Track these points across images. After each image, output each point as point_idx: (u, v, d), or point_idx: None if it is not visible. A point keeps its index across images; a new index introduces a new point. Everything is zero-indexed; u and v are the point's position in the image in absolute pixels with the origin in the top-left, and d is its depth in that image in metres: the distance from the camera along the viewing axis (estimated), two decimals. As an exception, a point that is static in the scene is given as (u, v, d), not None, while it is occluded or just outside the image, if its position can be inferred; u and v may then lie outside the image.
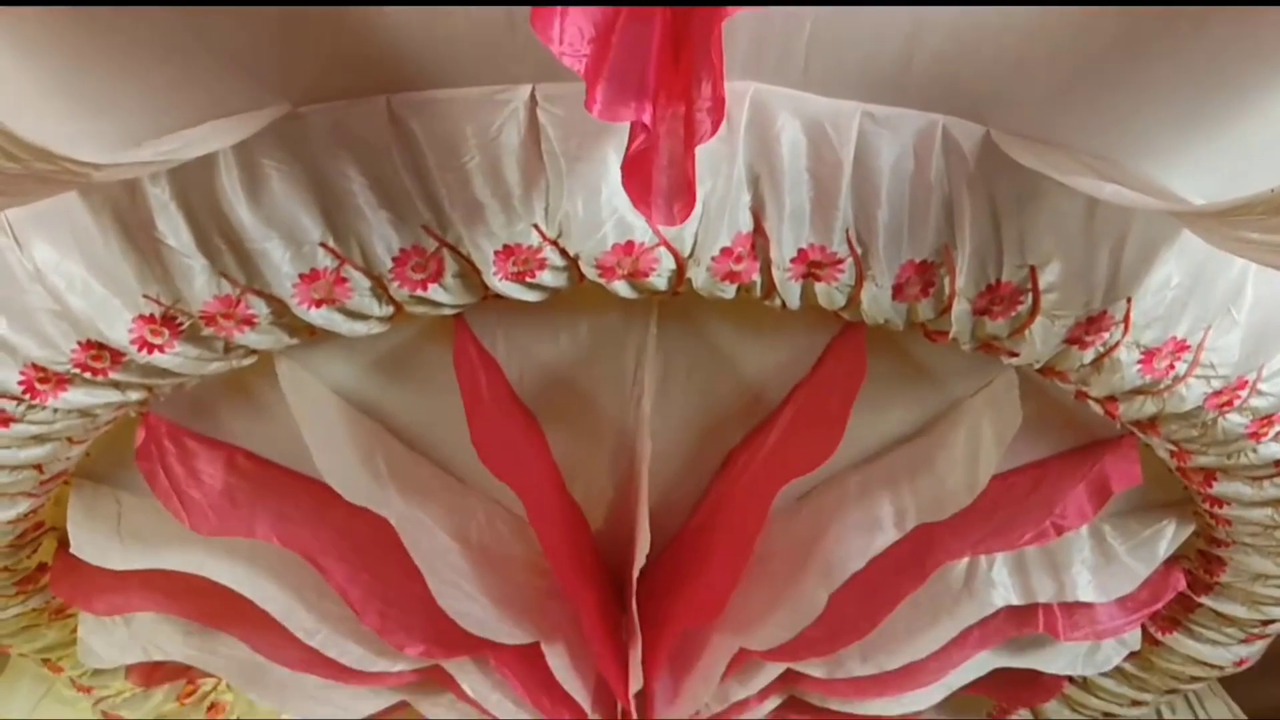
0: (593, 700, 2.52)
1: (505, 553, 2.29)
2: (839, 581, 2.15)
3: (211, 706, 3.31)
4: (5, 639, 2.64)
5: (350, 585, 2.20)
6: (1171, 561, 2.50)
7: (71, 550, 2.16)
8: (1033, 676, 2.93)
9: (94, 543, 2.17)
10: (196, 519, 2.01)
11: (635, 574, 2.22)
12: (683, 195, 1.31)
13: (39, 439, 1.84)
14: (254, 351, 1.77)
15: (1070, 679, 3.08)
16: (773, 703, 2.76)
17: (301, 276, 1.57)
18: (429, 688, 2.67)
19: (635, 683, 2.35)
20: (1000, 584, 2.42)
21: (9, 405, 1.72)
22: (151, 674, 2.88)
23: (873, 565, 2.27)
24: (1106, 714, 3.19)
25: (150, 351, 1.66)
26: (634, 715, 2.40)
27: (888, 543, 2.09)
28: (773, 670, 2.59)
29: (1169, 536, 2.37)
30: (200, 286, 1.58)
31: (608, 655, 2.46)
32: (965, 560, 2.42)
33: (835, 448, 1.92)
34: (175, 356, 1.68)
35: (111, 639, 2.50)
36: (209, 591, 2.34)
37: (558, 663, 2.42)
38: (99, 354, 1.66)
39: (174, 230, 1.52)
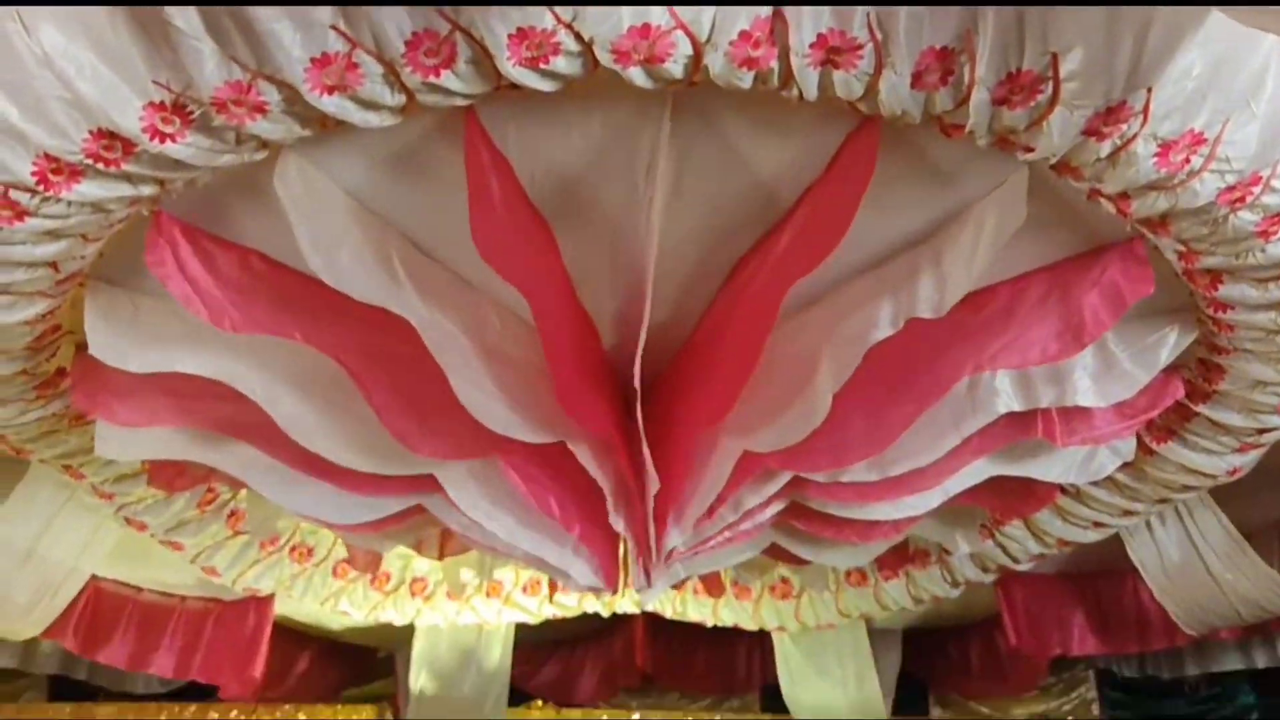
0: (615, 497, 2.58)
1: (520, 357, 2.32)
2: (842, 382, 2.19)
3: (231, 515, 3.41)
4: (26, 444, 2.70)
5: (372, 385, 2.23)
6: (1171, 370, 2.54)
7: (90, 351, 2.17)
8: (1027, 485, 3.01)
9: (111, 344, 2.20)
10: (216, 315, 2.02)
11: (637, 370, 2.24)
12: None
13: (53, 234, 1.85)
14: (265, 144, 1.75)
15: (1063, 490, 3.17)
16: (776, 507, 2.84)
17: (313, 60, 1.55)
18: (440, 497, 2.74)
19: (653, 483, 2.41)
20: (1003, 392, 2.47)
21: (23, 197, 1.72)
22: (173, 480, 2.95)
23: (887, 381, 2.31)
24: (1097, 523, 3.30)
25: (162, 141, 1.65)
26: (650, 513, 2.47)
27: (885, 335, 2.11)
28: (782, 478, 2.66)
29: (1170, 344, 2.40)
30: (210, 71, 1.55)
31: (621, 458, 2.52)
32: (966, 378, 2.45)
33: (839, 240, 1.92)
34: (187, 147, 1.67)
35: (130, 436, 2.54)
36: (225, 397, 2.38)
37: (585, 458, 2.48)
38: (111, 143, 1.65)
39: (182, 11, 1.49)
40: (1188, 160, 1.72)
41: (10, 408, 2.47)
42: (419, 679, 4.54)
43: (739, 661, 5.23)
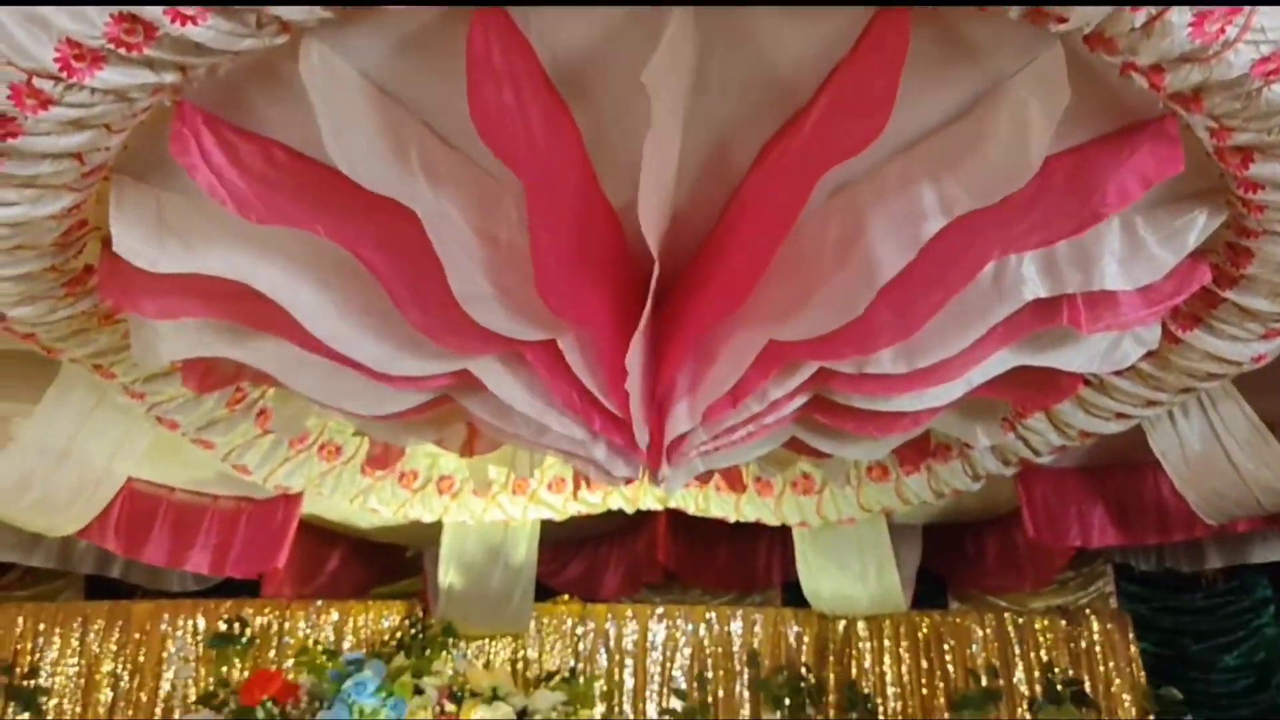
0: (609, 393, 2.60)
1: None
2: (883, 280, 2.17)
3: (260, 414, 3.46)
4: (57, 343, 2.73)
5: (394, 279, 2.24)
6: (1198, 255, 2.52)
7: (114, 248, 2.18)
8: (1050, 376, 3.00)
9: (135, 242, 2.20)
10: (241, 204, 2.03)
11: (655, 253, 2.23)
12: None
13: (78, 124, 1.84)
14: (286, 28, 1.74)
15: (1086, 381, 3.17)
16: (800, 400, 2.85)
17: (333, -66, 1.53)
18: (466, 387, 2.76)
19: (632, 380, 2.41)
20: (1030, 278, 2.45)
21: (47, 85, 1.72)
22: (203, 379, 2.98)
23: (917, 265, 2.29)
24: (1120, 415, 3.30)
25: (183, 24, 1.64)
26: (634, 409, 2.48)
27: (934, 230, 2.09)
28: (807, 370, 2.66)
29: (1199, 226, 2.38)
30: (230, -51, 1.54)
31: (619, 350, 2.52)
32: (992, 264, 2.43)
33: (883, 127, 1.90)
34: (208, 30, 1.66)
35: (162, 334, 2.57)
36: (250, 294, 2.39)
37: (573, 356, 2.49)
38: (132, 27, 1.64)
39: (200, -113, 1.47)
40: (1222, 30, 1.69)
41: (40, 305, 2.49)
42: (448, 575, 4.65)
43: (760, 558, 5.32)
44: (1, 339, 2.74)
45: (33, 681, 4.69)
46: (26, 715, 4.64)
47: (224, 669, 4.65)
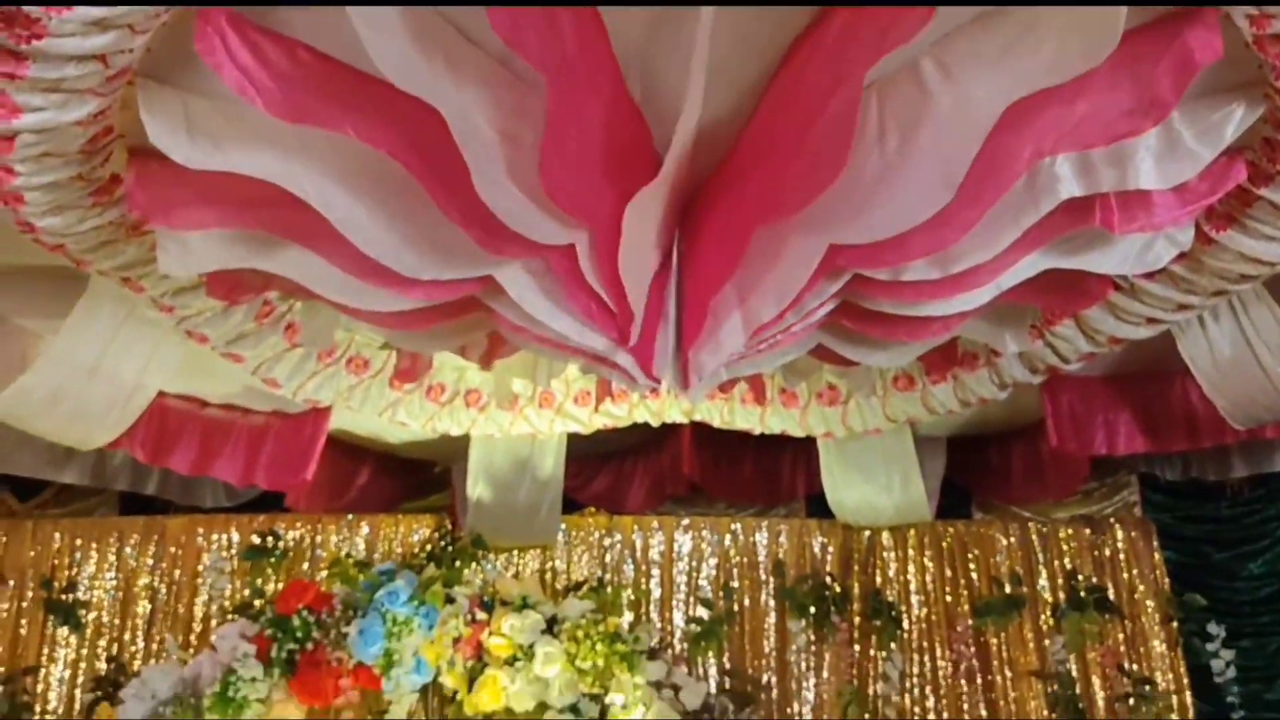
0: (616, 301, 2.59)
1: None
2: (959, 177, 2.13)
3: (288, 327, 3.47)
4: (86, 254, 2.74)
5: (428, 177, 2.23)
6: (1234, 153, 2.48)
7: (149, 138, 2.17)
8: (1080, 281, 2.98)
9: (167, 137, 2.19)
10: (270, 102, 2.01)
11: (681, 145, 2.20)
12: None
13: (101, 25, 1.84)
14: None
15: (1116, 285, 3.15)
16: (830, 307, 2.83)
17: None
18: (491, 293, 2.76)
19: (639, 287, 2.39)
20: (1064, 177, 2.40)
21: (70, -18, 1.70)
22: (230, 291, 3.00)
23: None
24: (1150, 319, 3.28)
25: (206, -82, 1.61)
26: (636, 318, 2.47)
27: (997, 114, 2.04)
28: (844, 277, 2.63)
29: (1236, 120, 2.33)
30: None
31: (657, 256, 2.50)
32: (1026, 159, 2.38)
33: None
34: (231, -75, 1.64)
35: (188, 247, 2.57)
36: (278, 202, 2.39)
37: (589, 262, 2.49)
38: (154, -79, 1.62)
39: None
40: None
41: (68, 215, 2.50)
42: (476, 488, 4.70)
43: (784, 470, 5.35)
44: (31, 254, 2.76)
45: (71, 595, 4.79)
46: (66, 628, 4.75)
47: (259, 581, 4.74)
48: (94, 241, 2.68)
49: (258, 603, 4.49)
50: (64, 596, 4.78)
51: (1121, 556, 4.97)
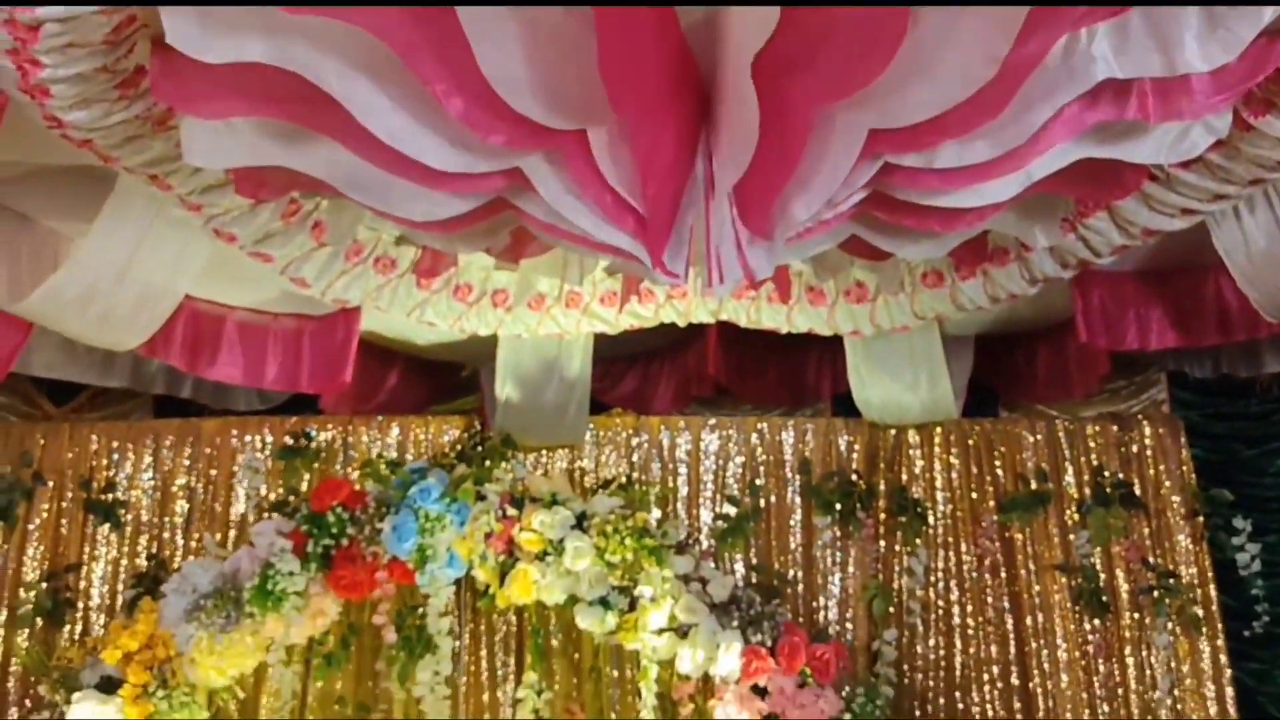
0: (641, 192, 2.54)
1: (575, 32, 2.22)
2: (1003, 51, 2.06)
3: (315, 226, 3.48)
4: (113, 150, 2.74)
5: (434, 72, 2.20)
6: (1274, 34, 2.41)
7: (165, 34, 2.15)
8: (1114, 171, 2.93)
9: (185, 30, 2.17)
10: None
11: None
12: None
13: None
14: None
15: (1151, 176, 3.10)
16: (860, 195, 2.80)
17: None
18: (517, 188, 2.73)
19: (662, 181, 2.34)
20: (1101, 58, 2.35)
21: None
22: (257, 187, 2.99)
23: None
24: (1185, 210, 3.23)
25: None
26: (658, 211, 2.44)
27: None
28: (876, 163, 2.59)
29: (1277, -1, 2.27)
30: None
31: (666, 145, 2.46)
32: (1064, 37, 2.32)
33: None
34: None
35: (215, 138, 2.57)
36: (303, 96, 2.36)
37: (615, 151, 2.44)
38: None
39: None
40: None
41: (95, 108, 2.50)
42: (504, 388, 4.73)
43: (809, 371, 5.35)
44: (60, 154, 2.77)
45: (110, 495, 4.89)
46: (107, 526, 4.86)
47: (293, 480, 4.83)
48: (120, 136, 2.68)
49: (293, 500, 4.58)
50: (103, 497, 4.88)
51: (1149, 453, 4.97)
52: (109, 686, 4.16)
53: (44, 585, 4.75)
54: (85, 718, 4.08)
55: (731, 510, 4.96)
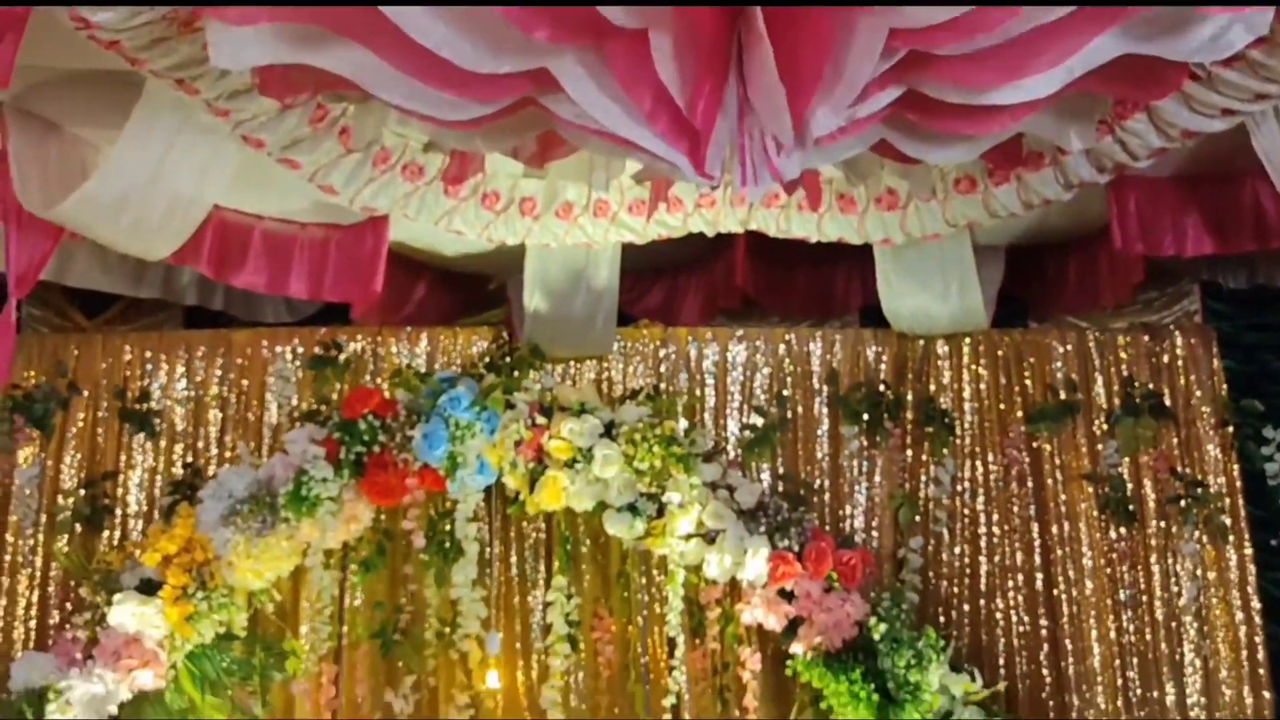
0: (691, 98, 2.52)
1: None
2: None
3: (342, 131, 3.47)
4: (140, 53, 2.73)
5: None
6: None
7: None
8: (1153, 68, 2.86)
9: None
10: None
11: None
12: None
13: None
14: None
15: (1191, 75, 3.03)
16: (893, 93, 2.75)
17: None
18: (546, 90, 2.70)
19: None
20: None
21: None
22: (284, 88, 2.96)
23: None
24: (1225, 110, 3.17)
25: None
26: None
27: None
28: (898, 55, 2.54)
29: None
30: None
31: (716, 46, 2.42)
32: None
33: None
34: None
35: (240, 40, 2.55)
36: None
37: (661, 54, 2.41)
38: None
39: None
40: None
41: (120, 10, 2.48)
42: (532, 299, 4.74)
43: (838, 282, 5.33)
44: (88, 57, 2.76)
45: (145, 405, 4.95)
46: (142, 434, 4.94)
47: (324, 390, 4.87)
48: (147, 39, 2.66)
49: (324, 409, 4.63)
50: (138, 406, 4.94)
51: (1180, 363, 4.93)
52: (149, 588, 4.26)
53: (82, 492, 4.83)
54: (126, 618, 4.18)
55: (759, 420, 4.98)
